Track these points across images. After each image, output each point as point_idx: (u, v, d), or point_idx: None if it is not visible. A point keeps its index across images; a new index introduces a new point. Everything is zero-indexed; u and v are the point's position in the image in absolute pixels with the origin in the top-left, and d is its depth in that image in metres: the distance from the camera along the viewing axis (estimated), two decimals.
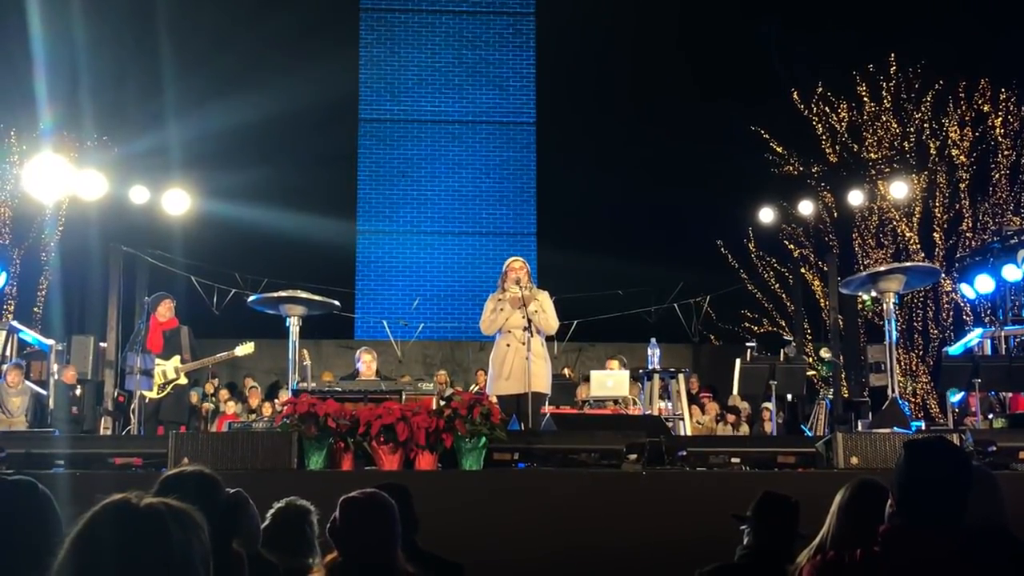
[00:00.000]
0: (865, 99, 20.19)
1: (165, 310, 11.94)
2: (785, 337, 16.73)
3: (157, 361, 11.52)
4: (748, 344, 14.29)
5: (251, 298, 9.94)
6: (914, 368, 19.49)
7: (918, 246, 19.60)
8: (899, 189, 18.24)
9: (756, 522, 4.67)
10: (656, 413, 11.61)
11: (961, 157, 19.67)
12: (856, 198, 18.23)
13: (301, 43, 19.83)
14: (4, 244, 17.98)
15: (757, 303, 20.25)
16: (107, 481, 6.91)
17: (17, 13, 15.82)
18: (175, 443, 7.35)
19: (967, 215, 19.57)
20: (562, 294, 10.49)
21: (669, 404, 12.32)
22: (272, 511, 4.64)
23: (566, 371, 16.66)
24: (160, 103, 18.97)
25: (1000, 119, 19.44)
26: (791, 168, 20.47)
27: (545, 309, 9.60)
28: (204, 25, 19.19)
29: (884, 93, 20.07)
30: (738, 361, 11.88)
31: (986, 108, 19.49)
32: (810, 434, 13.27)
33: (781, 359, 12.18)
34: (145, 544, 1.96)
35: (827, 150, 20.43)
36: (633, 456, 7.42)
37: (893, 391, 9.26)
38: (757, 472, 7.74)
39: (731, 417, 15.31)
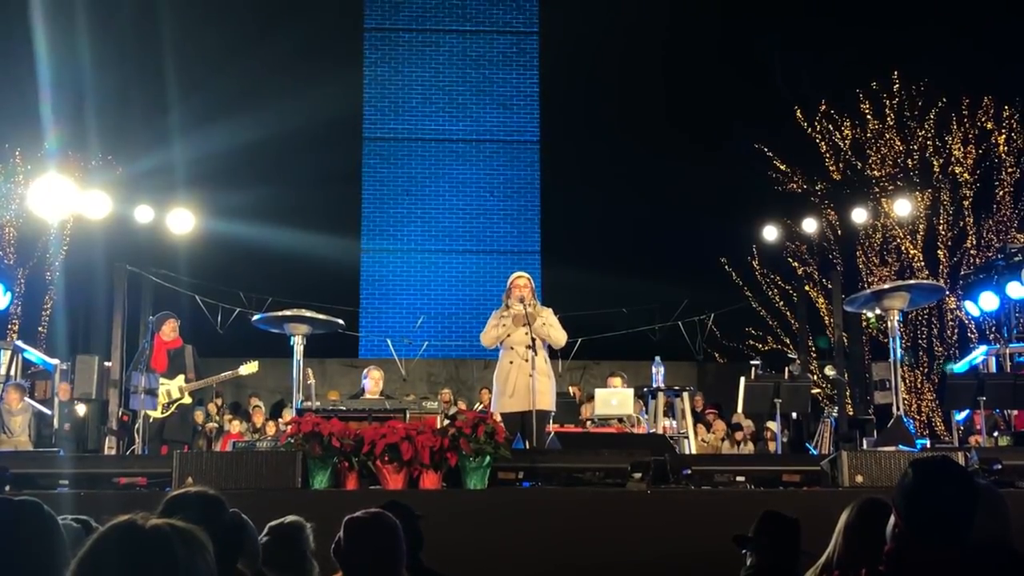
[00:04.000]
0: (868, 117, 20.21)
1: (169, 329, 11.93)
2: (789, 355, 16.72)
3: (161, 380, 11.51)
4: (752, 362, 14.28)
5: (255, 317, 9.95)
6: (919, 386, 19.46)
7: (922, 263, 19.59)
8: (903, 206, 18.26)
9: (758, 541, 4.67)
10: (661, 431, 11.58)
11: (965, 175, 19.68)
12: (860, 215, 18.25)
13: (305, 62, 19.89)
14: (9, 264, 18.01)
15: (761, 321, 20.23)
16: (111, 501, 6.91)
17: (23, 34, 15.89)
18: (179, 462, 7.34)
19: (971, 232, 19.56)
20: (566, 312, 10.48)
21: (674, 422, 12.30)
22: (268, 529, 4.63)
23: (571, 389, 16.65)
24: (165, 123, 19.05)
25: (1003, 136, 19.45)
26: (795, 186, 20.48)
27: (551, 323, 9.62)
28: (208, 45, 19.26)
29: (887, 111, 20.09)
30: (742, 379, 11.87)
31: (989, 125, 19.51)
32: (815, 452, 13.25)
33: (786, 377, 12.17)
34: (151, 565, 1.96)
35: (831, 168, 20.45)
36: (638, 475, 7.40)
37: (898, 409, 9.24)
38: (762, 490, 7.72)
39: (738, 435, 15.28)
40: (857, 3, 20.42)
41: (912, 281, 15.03)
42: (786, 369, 13.41)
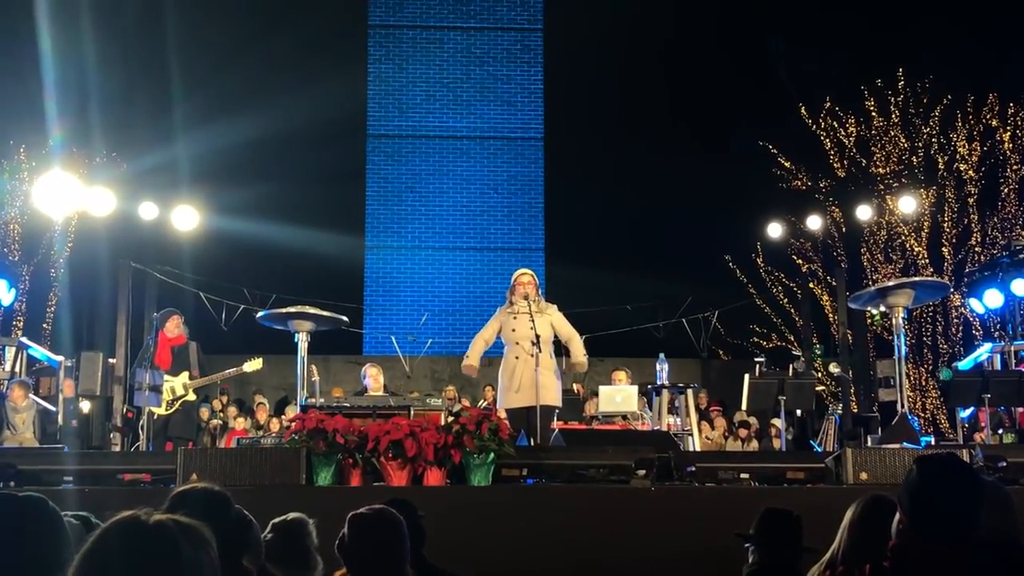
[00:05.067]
0: (873, 114, 20.18)
1: (173, 326, 11.95)
2: (794, 352, 16.71)
3: (166, 377, 11.52)
4: (757, 359, 14.25)
5: (259, 314, 9.96)
6: (923, 383, 19.44)
7: (927, 261, 19.56)
8: (907, 204, 18.24)
9: (759, 539, 4.67)
10: (665, 428, 11.58)
11: (969, 172, 19.64)
12: (864, 213, 18.23)
13: (310, 59, 19.88)
14: (14, 260, 18.02)
15: (766, 318, 20.20)
16: (116, 497, 6.92)
17: (28, 32, 15.90)
18: (184, 459, 7.36)
19: (976, 229, 19.52)
20: (570, 309, 10.48)
21: (678, 419, 12.29)
22: (271, 526, 4.64)
23: (575, 386, 16.64)
24: (169, 119, 19.05)
25: (1008, 133, 19.41)
26: (799, 183, 20.45)
27: (569, 340, 9.75)
28: (213, 41, 19.26)
29: (892, 108, 20.05)
30: (747, 376, 11.84)
31: (994, 122, 19.46)
32: (819, 449, 13.24)
33: (790, 374, 12.15)
34: (155, 561, 1.96)
35: (835, 165, 20.41)
36: (642, 472, 7.40)
37: (902, 406, 9.23)
38: (766, 488, 7.72)
39: (742, 432, 15.28)
40: (861, 0, 20.39)
41: (917, 278, 14.99)
42: (790, 366, 13.38)
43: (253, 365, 12.29)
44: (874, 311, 15.80)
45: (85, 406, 13.47)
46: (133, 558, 1.95)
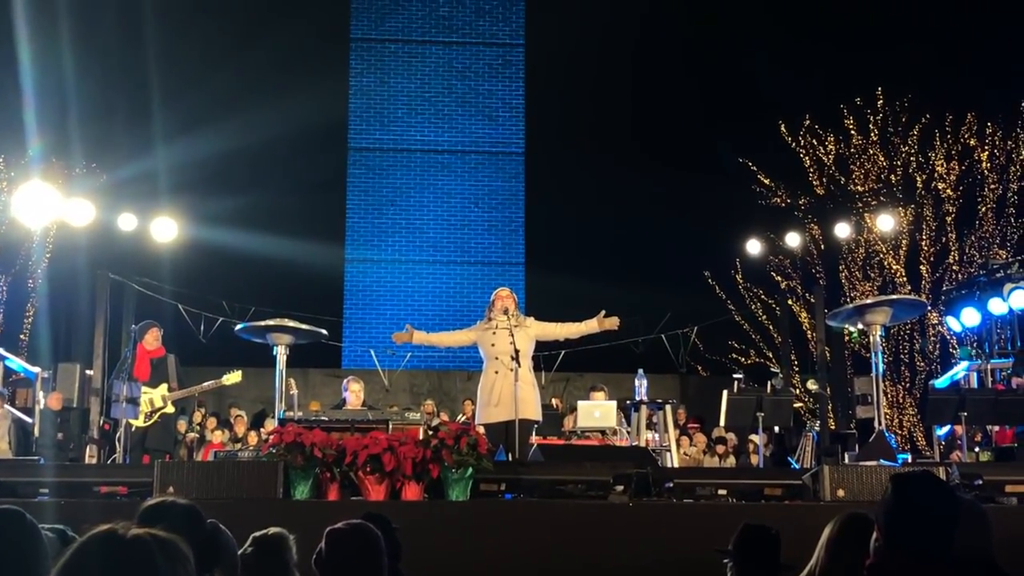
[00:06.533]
0: (852, 132, 20.29)
1: (152, 338, 11.89)
2: (772, 369, 16.75)
3: (144, 389, 11.46)
4: (735, 375, 14.28)
5: (238, 326, 9.92)
6: (901, 400, 19.51)
7: (904, 279, 19.65)
8: (886, 222, 18.32)
9: (737, 555, 4.67)
10: (643, 444, 11.57)
11: (947, 190, 19.77)
12: (843, 230, 18.30)
13: (291, 71, 19.88)
14: None
15: (744, 334, 20.25)
16: (93, 510, 6.88)
17: (7, 43, 15.84)
18: (161, 472, 7.32)
19: (953, 248, 19.64)
20: None
21: (656, 435, 12.28)
22: (252, 540, 4.62)
23: (554, 401, 16.63)
24: (148, 130, 18.98)
25: (986, 153, 19.54)
26: (778, 200, 20.54)
27: (563, 327, 9.82)
28: (193, 52, 19.23)
29: (871, 126, 20.17)
30: (725, 392, 11.86)
31: (972, 142, 19.60)
32: (797, 466, 13.26)
33: (768, 391, 12.17)
34: (132, 575, 1.95)
35: (814, 182, 20.51)
36: (620, 487, 7.40)
37: (880, 423, 9.26)
38: (744, 504, 7.73)
39: (720, 448, 15.30)
40: (842, 21, 20.51)
41: (894, 296, 15.07)
42: (768, 383, 13.42)
43: (232, 378, 12.24)
44: (852, 328, 15.85)
45: (63, 416, 13.39)
46: (110, 572, 1.95)
